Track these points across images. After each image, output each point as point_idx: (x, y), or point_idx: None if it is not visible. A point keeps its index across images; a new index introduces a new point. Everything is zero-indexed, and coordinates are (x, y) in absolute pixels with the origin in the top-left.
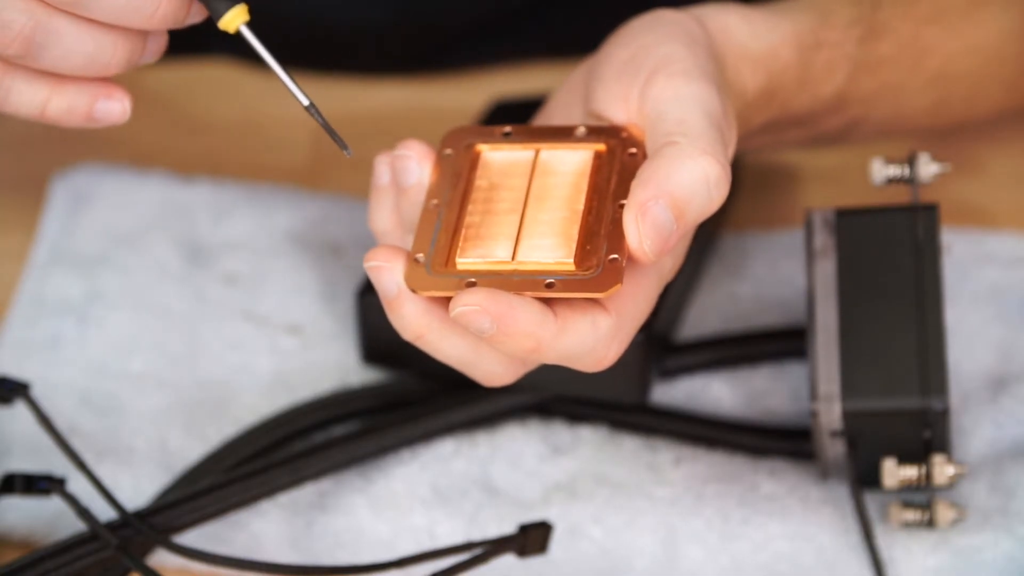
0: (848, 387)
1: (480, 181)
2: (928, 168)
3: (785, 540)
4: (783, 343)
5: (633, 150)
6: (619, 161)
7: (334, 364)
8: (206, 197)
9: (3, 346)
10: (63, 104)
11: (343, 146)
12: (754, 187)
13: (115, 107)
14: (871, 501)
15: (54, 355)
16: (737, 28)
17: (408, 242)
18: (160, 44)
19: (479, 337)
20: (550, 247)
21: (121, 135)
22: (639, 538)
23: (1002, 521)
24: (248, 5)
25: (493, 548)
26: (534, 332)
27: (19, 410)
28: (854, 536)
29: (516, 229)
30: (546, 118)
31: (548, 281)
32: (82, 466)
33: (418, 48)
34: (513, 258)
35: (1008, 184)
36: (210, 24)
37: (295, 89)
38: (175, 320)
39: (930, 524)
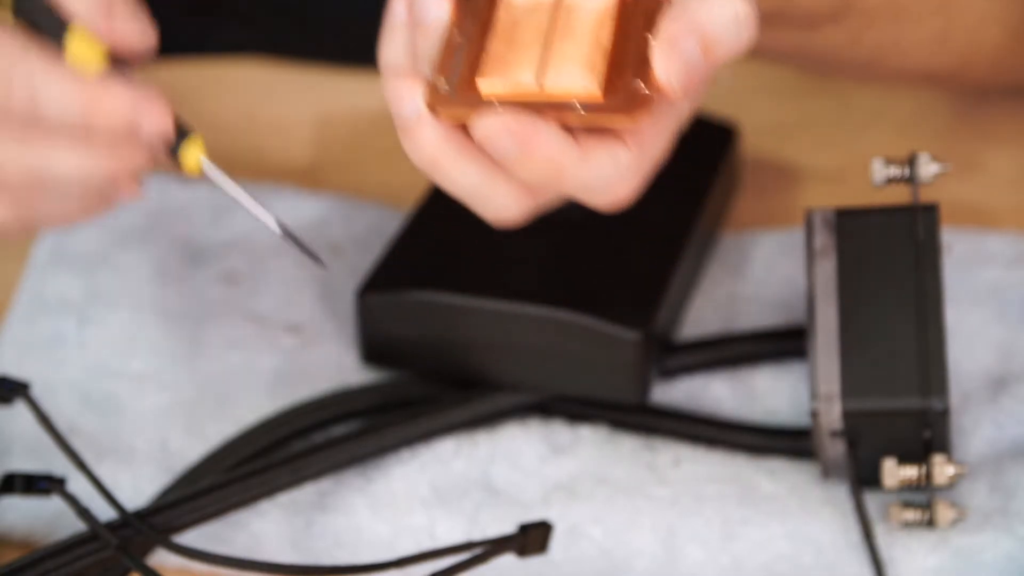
0: (848, 387)
1: (503, 16)
2: (928, 168)
3: (785, 540)
4: (783, 343)
5: None
6: (645, 2)
7: (334, 364)
8: (206, 197)
9: (3, 346)
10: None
11: (317, 260)
12: (754, 187)
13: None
14: (871, 501)
15: (54, 355)
16: None
17: (418, 82)
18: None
19: (498, 163)
20: (576, 75)
21: None
22: (639, 538)
23: (1002, 521)
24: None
25: (493, 548)
26: (557, 158)
27: (19, 410)
28: (854, 536)
29: (541, 57)
30: None
31: (576, 106)
32: (82, 466)
33: None
34: (539, 84)
35: (1008, 184)
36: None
37: (264, 215)
38: (175, 320)
39: (930, 524)
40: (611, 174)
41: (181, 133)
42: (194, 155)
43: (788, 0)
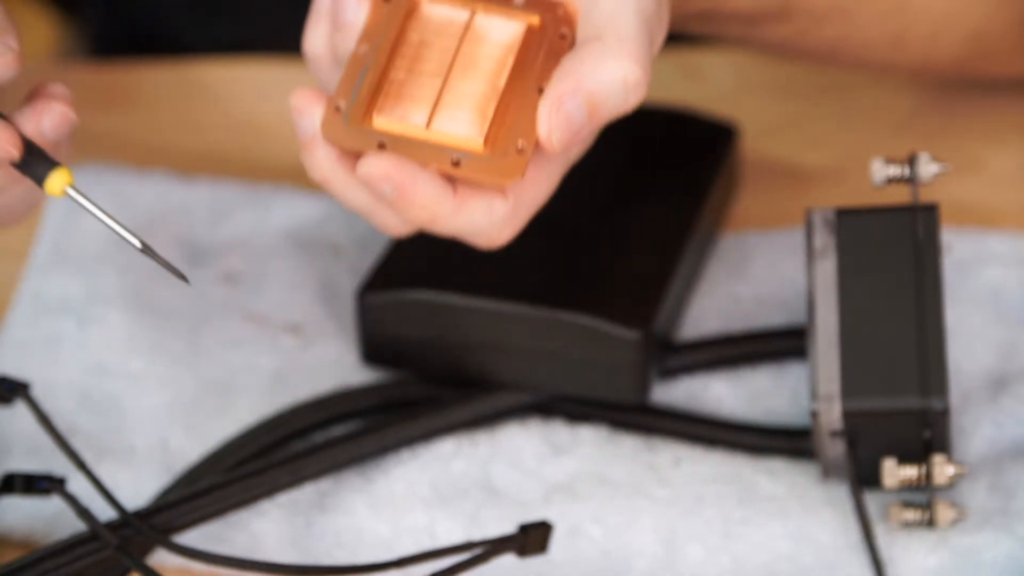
0: (848, 387)
1: (412, 35)
2: (928, 168)
3: (785, 540)
4: (783, 343)
5: (564, 31)
6: (548, 41)
7: (334, 364)
8: (206, 197)
9: (3, 345)
10: None
11: (180, 275)
12: (754, 187)
13: None
14: (871, 501)
15: (54, 354)
16: None
17: (335, 75)
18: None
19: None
20: (464, 121)
21: (121, 135)
22: (639, 538)
23: (1002, 521)
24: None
25: (493, 548)
26: (431, 207)
27: (19, 410)
28: (854, 536)
29: (436, 94)
30: None
31: (455, 158)
32: (82, 466)
33: None
34: (428, 125)
35: (1008, 184)
36: (209, 24)
37: (126, 234)
38: (175, 320)
39: (930, 524)
40: (485, 224)
41: (49, 163)
42: (59, 184)
43: (718, 3)
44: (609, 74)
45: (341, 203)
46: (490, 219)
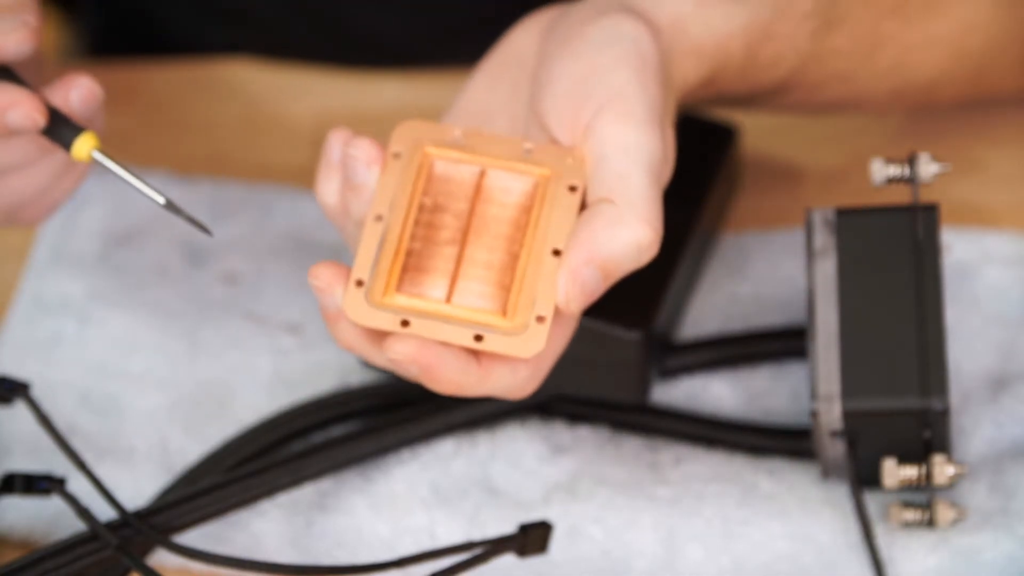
0: (848, 387)
1: (425, 199)
2: (928, 168)
3: (785, 540)
4: (783, 343)
5: (575, 183)
6: (561, 193)
7: (334, 364)
8: (206, 197)
9: (3, 345)
10: None
11: (204, 229)
12: (754, 187)
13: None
14: (871, 501)
15: (54, 355)
16: (691, 19)
17: (349, 226)
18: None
19: None
20: (483, 295)
21: (121, 135)
22: (639, 538)
23: (1002, 521)
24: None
25: (493, 548)
26: (458, 380)
27: (19, 410)
28: (854, 536)
29: (454, 266)
30: (490, 104)
31: (476, 334)
32: (82, 466)
33: (421, 45)
34: (448, 299)
35: (1008, 184)
36: (209, 25)
37: (151, 192)
38: (175, 320)
39: (930, 524)
40: (509, 385)
41: (74, 128)
42: (86, 148)
43: (720, 93)
44: (622, 241)
45: (370, 363)
46: (514, 381)
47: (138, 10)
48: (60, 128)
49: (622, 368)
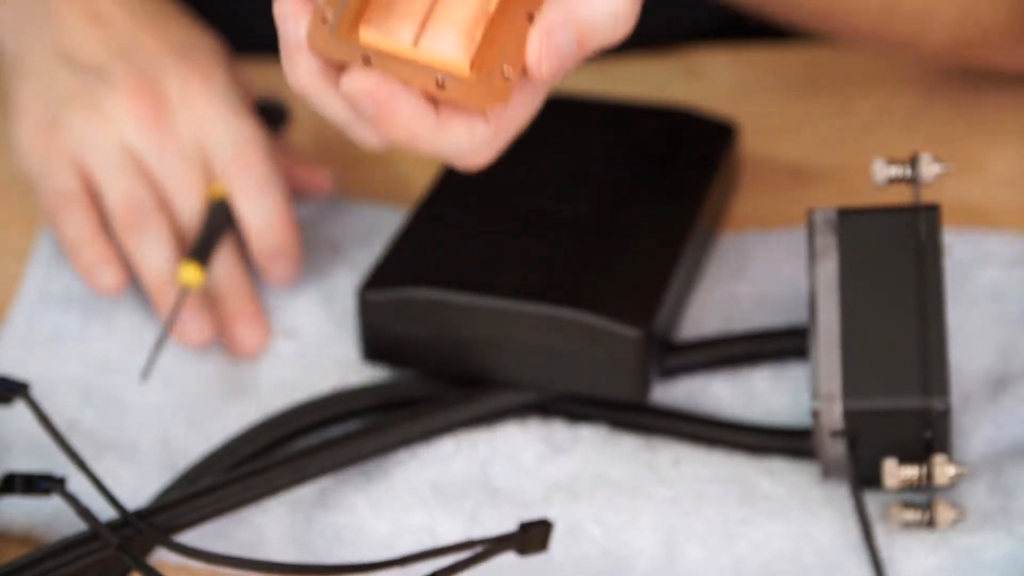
0: (849, 387)
1: None
2: (930, 168)
3: (785, 540)
4: (783, 343)
5: None
6: None
7: (334, 363)
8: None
9: (5, 342)
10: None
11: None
12: (754, 187)
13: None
14: (871, 501)
15: (56, 352)
16: None
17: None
18: None
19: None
20: (451, 43)
21: None
22: (639, 538)
23: (1002, 521)
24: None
25: (493, 546)
26: (412, 126)
27: (19, 409)
28: (854, 536)
29: (426, 11)
30: None
31: (440, 79)
32: (83, 466)
33: None
34: (415, 43)
35: (1008, 184)
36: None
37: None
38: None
39: (930, 524)
40: (466, 145)
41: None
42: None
43: None
44: (600, 7)
45: (321, 113)
46: (471, 141)
47: None
48: None
49: (622, 366)
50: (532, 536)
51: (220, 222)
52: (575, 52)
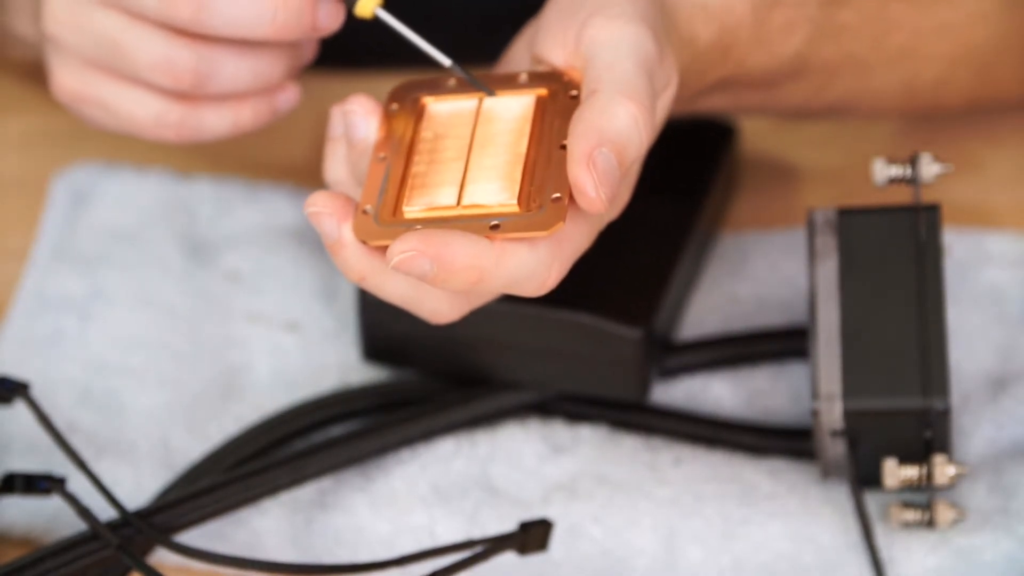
0: (849, 386)
1: (426, 132)
2: (930, 168)
3: (785, 540)
4: (783, 343)
5: (574, 92)
6: (561, 104)
7: (334, 362)
8: (207, 194)
9: (5, 343)
10: (248, 115)
11: (486, 89)
12: (754, 187)
13: (290, 96)
14: (871, 501)
15: (55, 352)
16: None
17: (358, 194)
18: (313, 49)
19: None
20: (494, 190)
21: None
22: (639, 538)
23: (1002, 521)
24: None
25: (493, 546)
26: (474, 263)
27: (19, 409)
28: (854, 536)
29: (461, 175)
30: (499, 69)
31: (493, 223)
32: (82, 466)
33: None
34: (458, 203)
35: (1008, 184)
36: None
37: (436, 53)
38: (176, 317)
39: (930, 524)
40: (532, 265)
41: None
42: (369, 7)
43: (739, 66)
44: (620, 119)
45: (385, 298)
46: (536, 259)
47: None
48: None
49: (622, 366)
50: (532, 536)
51: None
52: (617, 169)
